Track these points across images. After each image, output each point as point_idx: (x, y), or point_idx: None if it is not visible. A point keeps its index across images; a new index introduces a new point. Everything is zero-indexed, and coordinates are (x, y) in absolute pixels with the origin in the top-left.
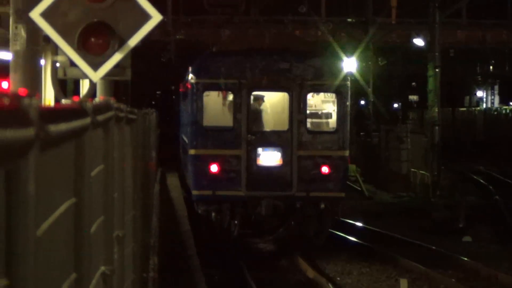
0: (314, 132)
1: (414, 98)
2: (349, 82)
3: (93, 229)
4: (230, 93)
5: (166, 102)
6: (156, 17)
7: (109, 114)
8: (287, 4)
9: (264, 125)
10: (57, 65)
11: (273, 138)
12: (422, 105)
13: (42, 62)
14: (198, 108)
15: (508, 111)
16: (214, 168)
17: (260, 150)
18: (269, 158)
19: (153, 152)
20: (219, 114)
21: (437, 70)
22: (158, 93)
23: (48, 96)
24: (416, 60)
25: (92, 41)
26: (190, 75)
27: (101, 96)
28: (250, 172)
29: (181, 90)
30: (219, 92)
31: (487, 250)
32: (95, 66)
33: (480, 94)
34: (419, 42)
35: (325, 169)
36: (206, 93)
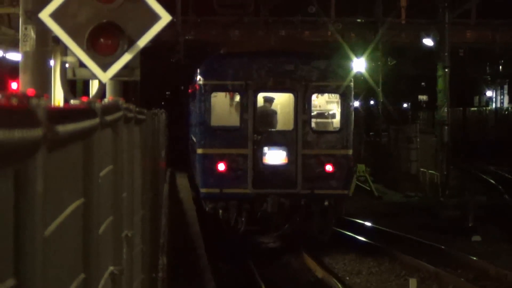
0: (318, 131)
1: (423, 98)
2: (352, 83)
3: (102, 229)
4: (237, 94)
5: (175, 102)
6: (165, 17)
7: (118, 115)
8: (297, 4)
9: (270, 125)
10: (66, 65)
11: (278, 138)
12: (431, 105)
13: (52, 63)
14: (206, 108)
15: None
16: (221, 166)
17: (266, 149)
18: (274, 157)
19: (162, 152)
20: (226, 114)
21: (446, 70)
22: (168, 93)
23: (57, 96)
24: (425, 60)
25: (101, 41)
26: (198, 77)
27: (110, 96)
28: (256, 170)
29: (189, 91)
30: (226, 93)
31: (497, 249)
32: (104, 67)
33: (489, 94)
34: (429, 42)
35: (329, 167)
36: (213, 94)
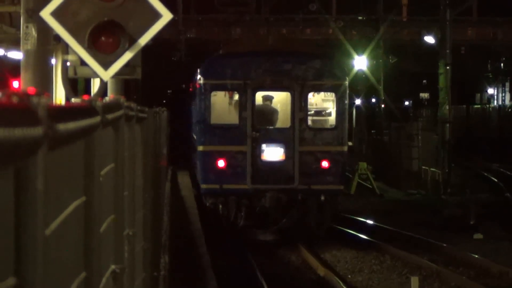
0: (314, 129)
1: (425, 95)
2: (347, 82)
3: (103, 227)
4: (236, 93)
5: (177, 100)
6: (166, 15)
7: (119, 113)
8: (298, 2)
9: (268, 122)
10: (67, 64)
11: (276, 135)
12: (433, 102)
13: (53, 61)
14: (206, 107)
15: None
16: (221, 163)
17: (264, 146)
18: (272, 153)
19: (163, 150)
20: (226, 112)
21: (448, 68)
22: (169, 91)
23: (59, 95)
24: (427, 57)
25: (102, 40)
26: (198, 76)
27: (111, 95)
28: (254, 167)
29: (190, 90)
30: (226, 92)
31: (498, 247)
32: (106, 65)
33: (491, 91)
34: (430, 39)
35: (325, 163)
36: (213, 93)
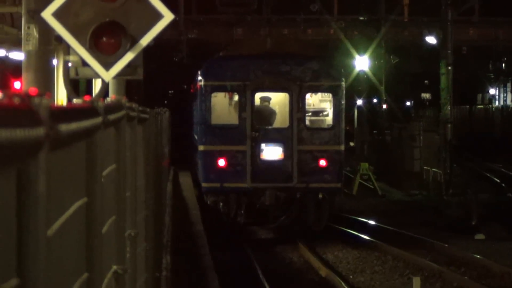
0: (312, 128)
1: (426, 96)
2: (344, 82)
3: (105, 228)
4: (235, 94)
5: (178, 101)
6: (168, 16)
7: (120, 114)
8: (299, 3)
9: (267, 122)
10: (69, 64)
11: (275, 135)
12: (434, 103)
13: (54, 62)
14: (207, 108)
15: None
16: (221, 162)
17: (263, 146)
18: (271, 153)
19: (165, 151)
20: (226, 113)
21: (449, 68)
22: (171, 92)
23: (60, 96)
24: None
25: (104, 40)
26: (199, 78)
27: (113, 95)
28: (254, 165)
29: (191, 91)
30: (226, 93)
31: (500, 247)
32: (107, 66)
33: (492, 91)
34: (432, 40)
35: (322, 162)
36: (213, 94)
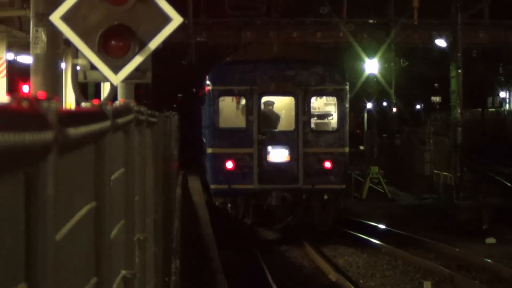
0: (317, 131)
1: (436, 99)
2: (348, 86)
3: (113, 232)
4: (242, 98)
5: (187, 105)
6: (176, 19)
7: (129, 117)
8: (308, 5)
9: (273, 126)
10: (77, 68)
11: (281, 138)
12: (445, 106)
13: (63, 65)
14: (215, 111)
15: None
16: (229, 164)
17: (270, 148)
18: (278, 155)
19: (174, 155)
20: (233, 116)
21: (459, 71)
22: (180, 96)
23: (69, 99)
24: (438, 61)
25: (112, 44)
26: (207, 82)
27: (121, 99)
28: (261, 167)
29: (199, 95)
30: (233, 97)
31: (511, 252)
32: (116, 69)
33: (502, 95)
34: (441, 43)
35: (327, 164)
36: (221, 98)
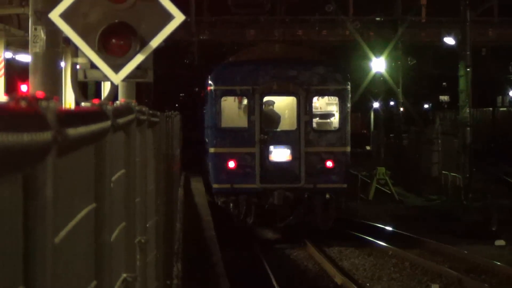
0: (319, 131)
1: (444, 98)
2: (349, 86)
3: (114, 235)
4: (244, 98)
5: (190, 104)
6: (178, 17)
7: (130, 117)
8: (314, 3)
9: (275, 125)
10: (77, 67)
11: (283, 137)
12: (453, 105)
13: (62, 64)
14: (217, 111)
15: None
16: (231, 164)
17: (271, 148)
18: (280, 154)
19: (176, 156)
20: (235, 116)
21: (468, 70)
22: (182, 95)
23: (68, 99)
24: (446, 59)
25: (113, 42)
26: (209, 82)
27: (122, 98)
28: (263, 167)
29: (202, 95)
30: (235, 97)
31: None
32: (116, 68)
33: None
34: (450, 41)
35: (329, 163)
36: (223, 98)
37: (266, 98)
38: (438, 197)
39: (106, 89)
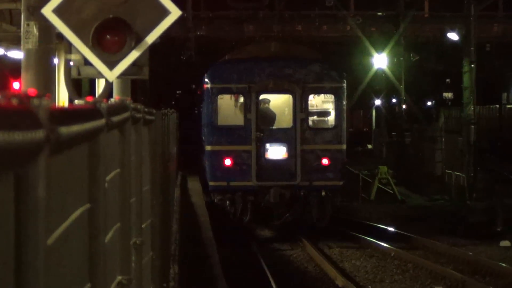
0: (315, 128)
1: (448, 95)
2: (345, 84)
3: (108, 236)
4: (241, 96)
5: (186, 102)
6: (175, 12)
7: (125, 115)
8: None
9: (271, 123)
10: (71, 64)
11: (279, 135)
12: (457, 102)
13: (55, 61)
14: (213, 109)
15: None
16: (227, 162)
17: (268, 146)
18: (276, 152)
19: (173, 154)
20: (232, 114)
21: (472, 66)
22: (178, 92)
23: (61, 96)
24: (450, 55)
25: (107, 38)
26: (206, 80)
27: (117, 96)
28: (259, 165)
29: (198, 93)
30: (231, 95)
31: None
32: (111, 65)
33: None
34: (454, 36)
35: (325, 161)
36: (220, 96)
37: (262, 96)
38: (442, 196)
39: (100, 86)
